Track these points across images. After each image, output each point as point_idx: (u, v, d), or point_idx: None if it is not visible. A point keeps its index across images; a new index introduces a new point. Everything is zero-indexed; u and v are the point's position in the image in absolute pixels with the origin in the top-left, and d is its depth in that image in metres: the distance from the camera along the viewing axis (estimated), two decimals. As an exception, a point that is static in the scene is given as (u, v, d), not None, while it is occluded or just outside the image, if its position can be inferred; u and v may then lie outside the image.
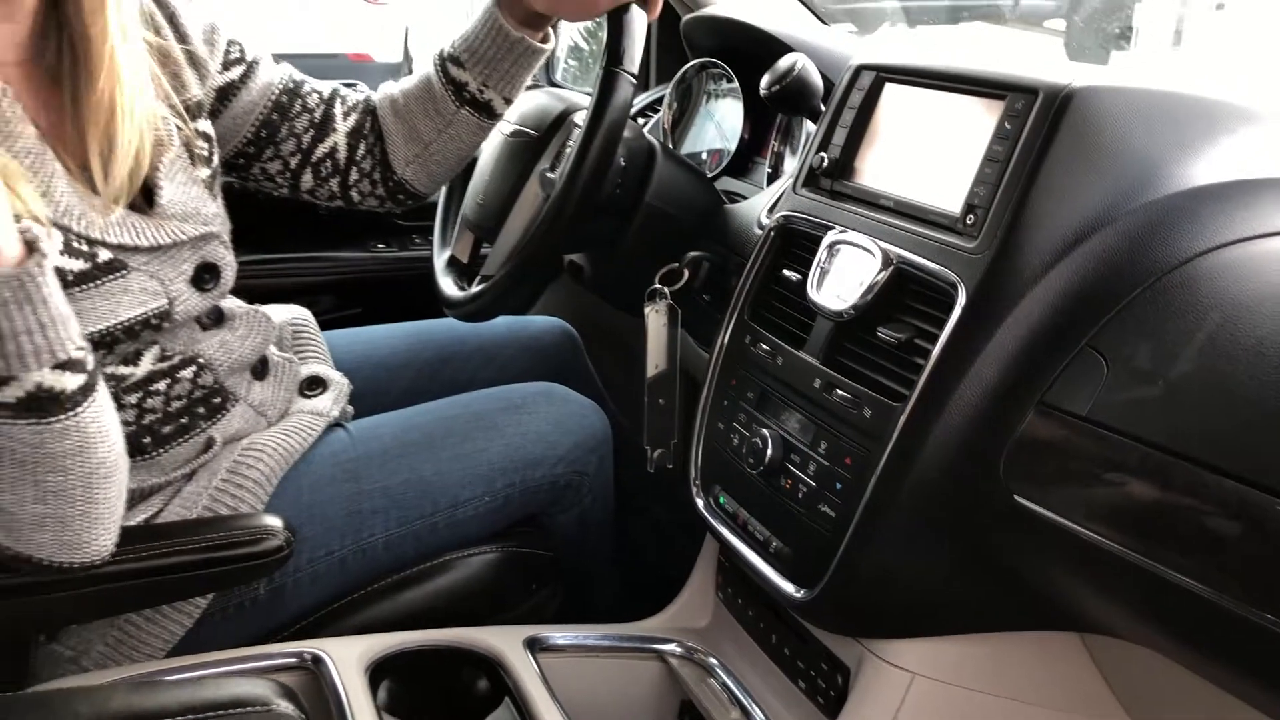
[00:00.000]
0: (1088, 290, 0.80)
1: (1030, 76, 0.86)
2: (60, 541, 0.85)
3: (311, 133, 1.22)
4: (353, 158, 1.24)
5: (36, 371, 0.79)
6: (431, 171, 1.25)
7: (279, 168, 1.23)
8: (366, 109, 1.25)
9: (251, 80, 1.18)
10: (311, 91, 1.22)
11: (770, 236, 1.09)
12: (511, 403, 1.25)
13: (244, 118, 1.18)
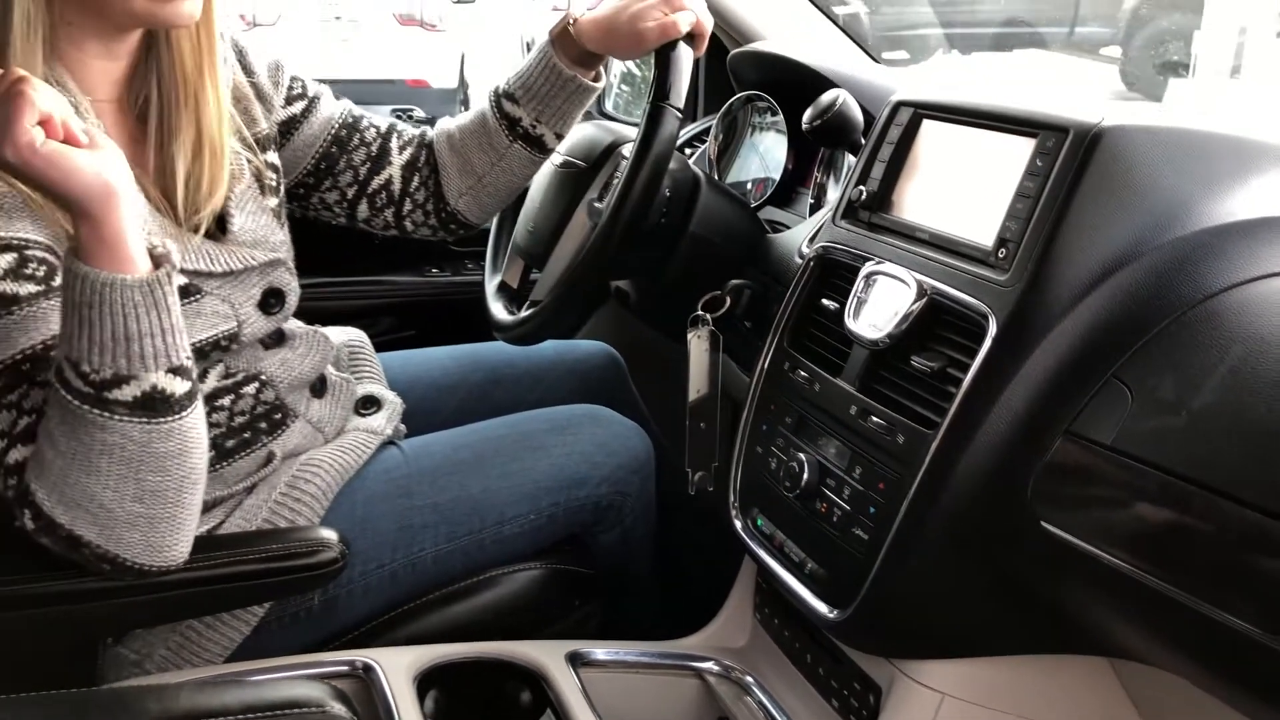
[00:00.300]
0: (1115, 323, 0.83)
1: (1061, 115, 0.89)
2: (147, 543, 0.90)
3: (368, 165, 1.27)
4: (407, 189, 1.29)
5: (154, 373, 0.87)
6: (483, 203, 1.30)
7: (336, 198, 1.28)
8: (421, 143, 1.31)
9: (313, 115, 1.24)
10: (369, 126, 1.28)
11: (810, 266, 1.12)
12: (557, 424, 1.29)
13: (305, 150, 1.24)
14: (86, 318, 0.84)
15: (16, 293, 0.87)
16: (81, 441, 0.86)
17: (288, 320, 1.17)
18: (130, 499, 0.89)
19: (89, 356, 0.85)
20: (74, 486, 0.87)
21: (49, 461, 0.87)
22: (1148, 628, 0.82)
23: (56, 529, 0.88)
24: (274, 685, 0.81)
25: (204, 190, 1.05)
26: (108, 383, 0.85)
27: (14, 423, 0.89)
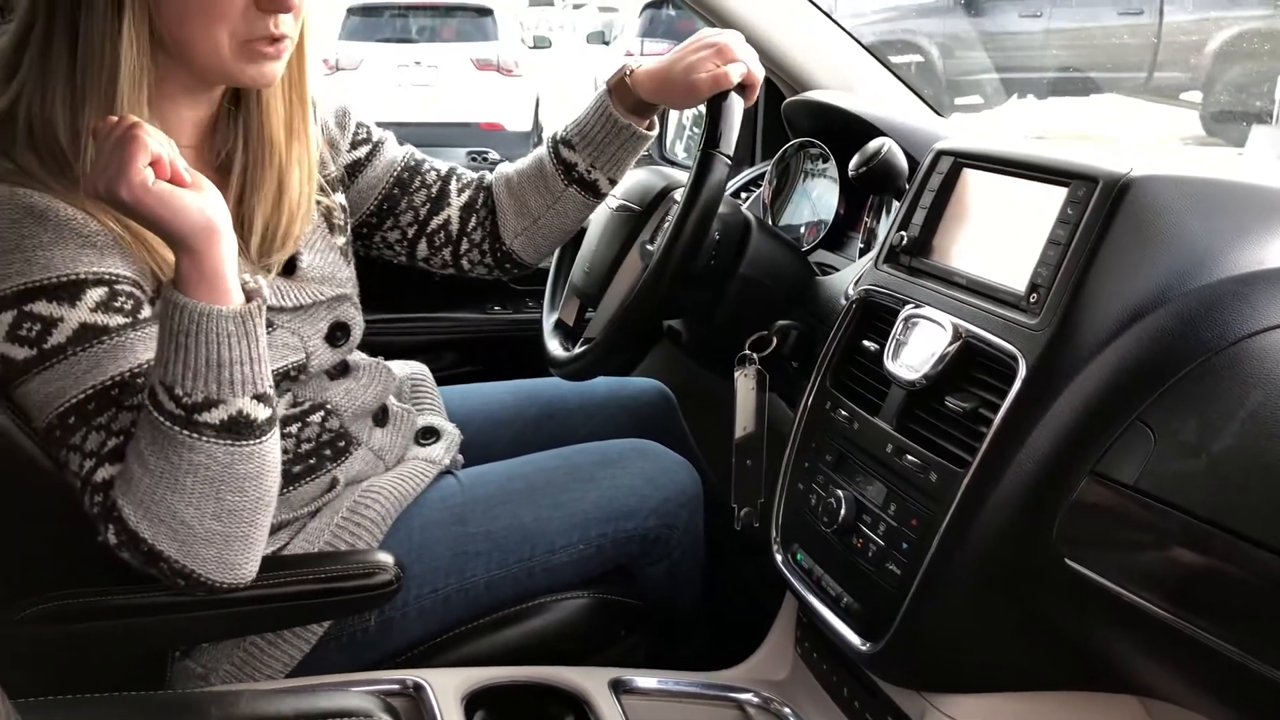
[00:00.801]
0: (1140, 367, 0.85)
1: (1091, 165, 0.92)
2: (220, 560, 0.96)
3: (428, 206, 1.34)
4: (464, 230, 1.35)
5: (241, 398, 0.93)
6: (537, 244, 1.36)
7: (397, 237, 1.35)
8: (479, 187, 1.37)
9: (377, 158, 1.31)
10: (430, 169, 1.35)
11: (852, 309, 1.16)
12: (607, 457, 1.34)
13: (369, 192, 1.31)
14: (183, 344, 0.91)
15: (106, 324, 0.95)
16: (170, 461, 0.93)
17: (352, 352, 1.24)
18: (210, 517, 0.95)
19: (182, 381, 0.91)
20: (159, 503, 0.94)
21: (137, 479, 0.94)
22: (1172, 668, 0.83)
23: (139, 543, 0.94)
24: (327, 695, 0.86)
25: (278, 241, 1.12)
26: (198, 406, 0.92)
27: (102, 444, 0.95)
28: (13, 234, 0.92)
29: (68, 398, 0.94)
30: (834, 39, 1.65)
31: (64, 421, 0.94)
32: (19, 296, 0.92)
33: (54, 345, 0.93)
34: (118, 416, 0.95)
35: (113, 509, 0.95)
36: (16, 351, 0.93)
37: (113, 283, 0.95)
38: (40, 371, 0.93)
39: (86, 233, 0.94)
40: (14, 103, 0.97)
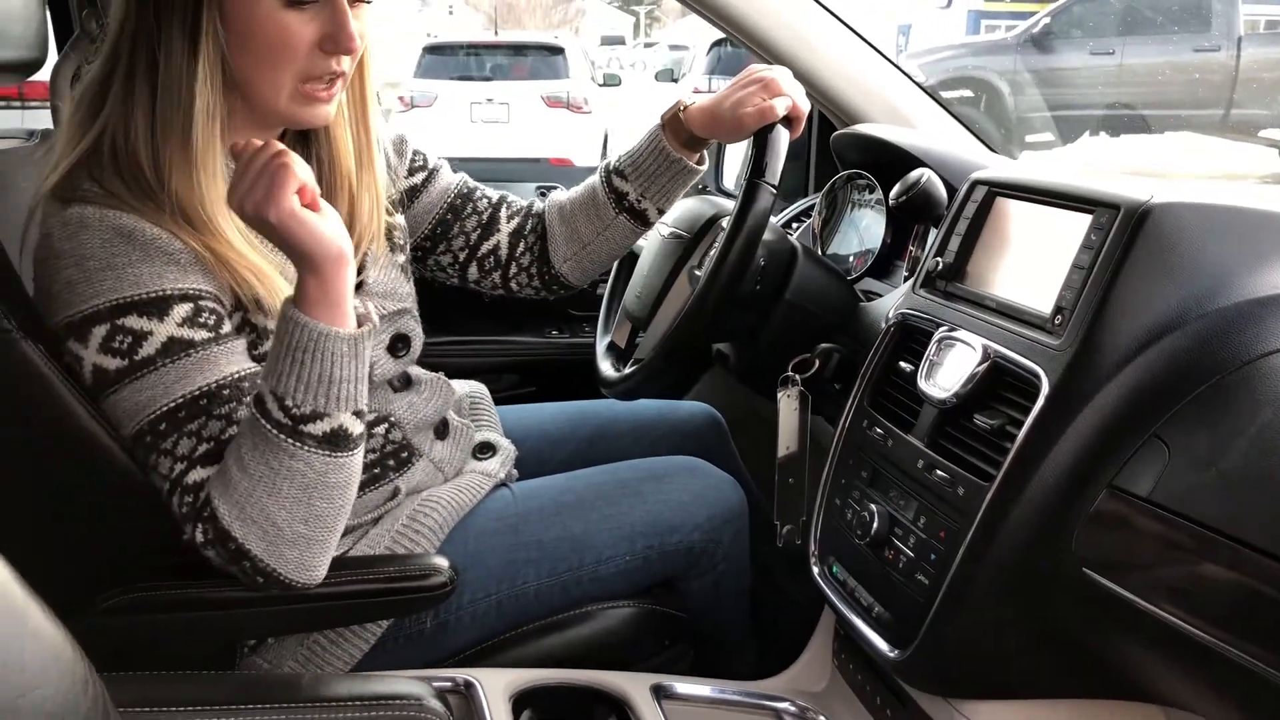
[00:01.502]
0: (1157, 385, 0.89)
1: (1114, 193, 0.96)
2: (301, 561, 1.03)
3: (478, 232, 1.41)
4: (513, 255, 1.42)
5: (343, 414, 1.01)
6: (585, 268, 1.43)
7: (449, 260, 1.43)
8: (528, 214, 1.44)
9: (432, 185, 1.39)
10: (482, 197, 1.43)
11: (890, 331, 1.20)
12: (654, 473, 1.39)
13: (423, 216, 1.39)
14: (299, 360, 0.98)
15: (192, 339, 1.02)
16: (270, 466, 1.00)
17: (413, 365, 1.31)
18: (299, 520, 1.02)
19: (294, 393, 0.99)
20: (254, 505, 1.01)
21: (235, 482, 1.01)
22: (1189, 676, 0.86)
23: (228, 541, 1.01)
24: (381, 680, 0.92)
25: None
26: (305, 417, 0.99)
27: (193, 449, 1.03)
28: (104, 253, 1.00)
29: (158, 406, 1.01)
30: (883, 73, 1.70)
31: (155, 428, 1.01)
32: (111, 311, 1.00)
33: (144, 357, 1.00)
34: (207, 424, 1.03)
35: (204, 509, 1.02)
36: (109, 362, 1.01)
37: (197, 299, 1.03)
38: (132, 381, 1.01)
39: (171, 251, 1.02)
40: (100, 135, 1.06)
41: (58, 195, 1.02)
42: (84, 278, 0.99)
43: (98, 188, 1.02)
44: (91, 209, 1.01)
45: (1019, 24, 12.48)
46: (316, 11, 1.05)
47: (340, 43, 1.06)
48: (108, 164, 1.03)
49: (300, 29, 1.05)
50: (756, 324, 1.42)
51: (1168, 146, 11.62)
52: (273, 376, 1.00)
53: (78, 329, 1.00)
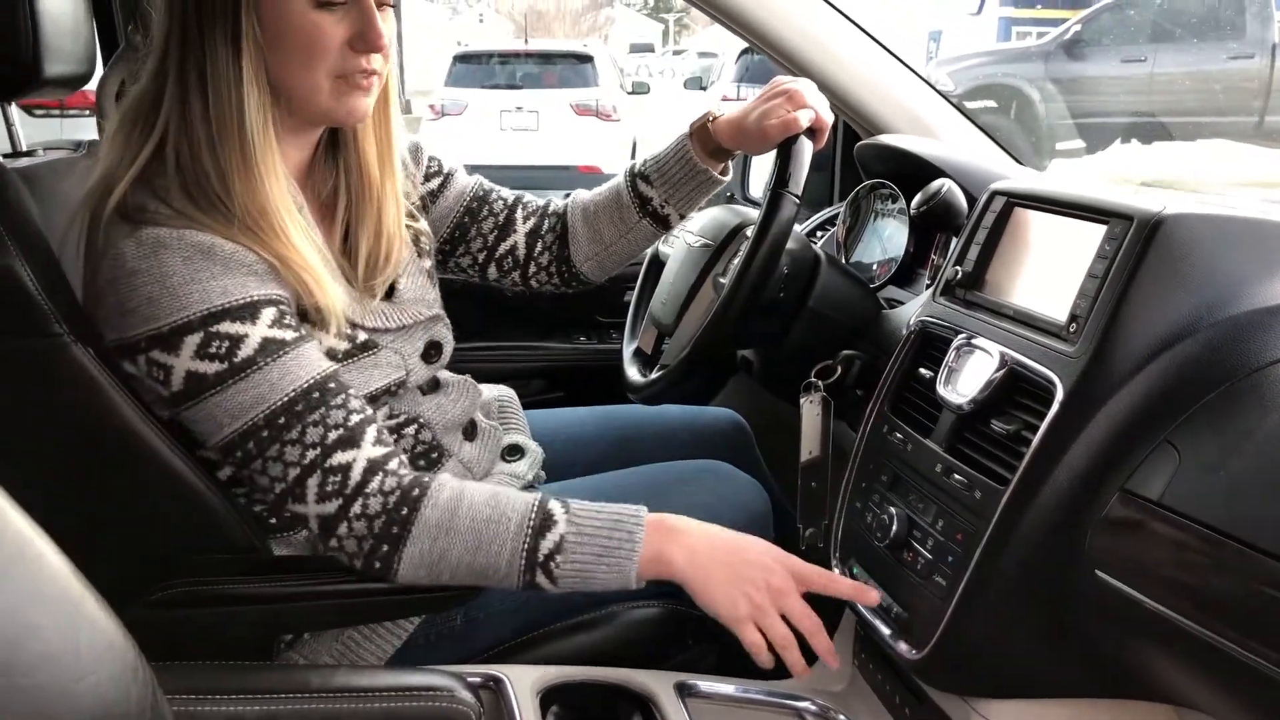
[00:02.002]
0: (1168, 391, 0.91)
1: (1127, 204, 0.99)
2: (411, 558, 1.11)
3: (495, 233, 1.45)
4: (531, 254, 1.46)
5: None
6: (605, 266, 1.47)
7: (469, 261, 1.47)
8: (544, 213, 1.48)
9: (448, 189, 1.44)
10: (498, 199, 1.47)
11: (910, 339, 1.23)
12: (680, 476, 1.42)
13: (441, 221, 1.43)
14: (600, 547, 1.12)
15: (284, 338, 1.07)
16: (481, 550, 1.11)
17: (442, 369, 1.35)
18: (454, 564, 1.12)
19: (571, 561, 1.11)
20: (437, 550, 1.10)
21: (438, 531, 1.10)
22: (1200, 677, 0.88)
23: (385, 544, 1.10)
24: (414, 673, 0.95)
25: (380, 265, 1.24)
26: (548, 569, 1.10)
27: (324, 435, 1.08)
28: (187, 269, 1.04)
29: (270, 402, 1.06)
30: (907, 83, 1.73)
31: (273, 421, 1.06)
32: (204, 320, 1.04)
33: (244, 358, 1.05)
34: (329, 414, 1.08)
35: (360, 496, 1.08)
36: (207, 367, 1.05)
37: (279, 303, 1.08)
38: (235, 382, 1.05)
39: (248, 262, 1.07)
40: (160, 145, 1.10)
41: (124, 215, 1.06)
42: (167, 293, 1.04)
43: (166, 207, 1.06)
44: (165, 230, 1.05)
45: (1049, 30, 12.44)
46: (345, 12, 1.10)
47: (369, 40, 1.11)
48: (172, 177, 1.08)
49: (331, 29, 1.10)
50: (780, 331, 1.45)
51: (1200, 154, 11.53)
52: (574, 539, 1.10)
53: (165, 340, 1.05)
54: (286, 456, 1.08)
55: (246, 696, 0.86)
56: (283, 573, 1.19)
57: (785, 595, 1.10)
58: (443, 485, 1.12)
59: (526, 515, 1.11)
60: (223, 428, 1.08)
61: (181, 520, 1.15)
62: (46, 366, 1.10)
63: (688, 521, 1.15)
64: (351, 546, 1.10)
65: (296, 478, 1.08)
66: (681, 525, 1.14)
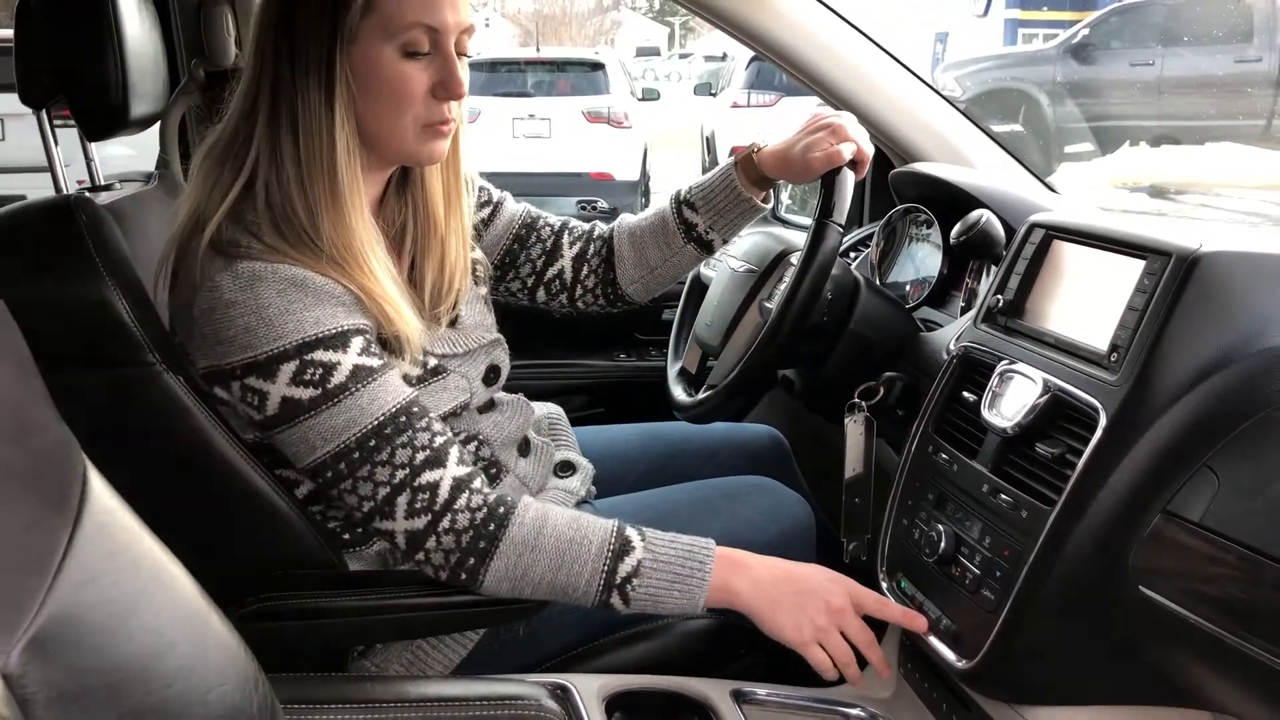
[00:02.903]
0: (1207, 419, 0.97)
1: (1165, 240, 1.05)
2: (496, 571, 1.18)
3: (543, 259, 1.53)
4: (577, 278, 1.54)
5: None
6: (650, 288, 1.54)
7: (518, 286, 1.55)
8: (589, 238, 1.55)
9: (498, 218, 1.51)
10: (544, 225, 1.54)
11: (953, 363, 1.29)
12: (729, 492, 1.48)
13: (492, 248, 1.51)
14: (676, 574, 1.20)
15: (372, 366, 1.14)
16: (564, 569, 1.19)
17: (499, 390, 1.42)
18: (537, 581, 1.19)
19: (650, 588, 1.19)
20: (521, 567, 1.18)
21: (525, 548, 1.18)
22: (1238, 685, 0.94)
23: (471, 558, 1.17)
24: (496, 683, 1.02)
25: (443, 296, 1.31)
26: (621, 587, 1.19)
27: (412, 456, 1.15)
28: (281, 301, 1.11)
29: (361, 425, 1.13)
30: (939, 111, 1.79)
31: (364, 444, 1.13)
32: (299, 349, 1.11)
33: (337, 384, 1.12)
34: (415, 435, 1.15)
35: (449, 513, 1.16)
36: (303, 393, 1.12)
37: (364, 332, 1.16)
38: (330, 407, 1.12)
39: (336, 294, 1.14)
40: (249, 183, 1.17)
41: (219, 249, 1.13)
42: (264, 323, 1.11)
43: (258, 243, 1.13)
44: (260, 264, 1.12)
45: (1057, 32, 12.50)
46: (429, 61, 1.17)
47: (450, 89, 1.18)
48: (263, 214, 1.14)
49: (416, 76, 1.17)
50: (823, 352, 1.52)
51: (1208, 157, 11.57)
52: (650, 564, 1.19)
53: (262, 367, 1.11)
54: (377, 476, 1.15)
55: (351, 706, 0.93)
56: (361, 587, 1.26)
57: (844, 614, 1.17)
58: (528, 505, 1.19)
59: (607, 539, 1.18)
60: (315, 450, 1.14)
61: (265, 538, 1.22)
62: (140, 394, 1.18)
63: (751, 555, 1.22)
64: (438, 559, 1.17)
65: (386, 496, 1.15)
66: (746, 559, 1.22)
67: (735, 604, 1.20)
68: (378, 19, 1.14)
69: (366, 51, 1.15)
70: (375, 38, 1.15)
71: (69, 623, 0.68)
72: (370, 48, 1.15)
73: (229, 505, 1.21)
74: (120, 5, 1.25)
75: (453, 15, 1.17)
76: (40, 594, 0.66)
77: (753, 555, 1.22)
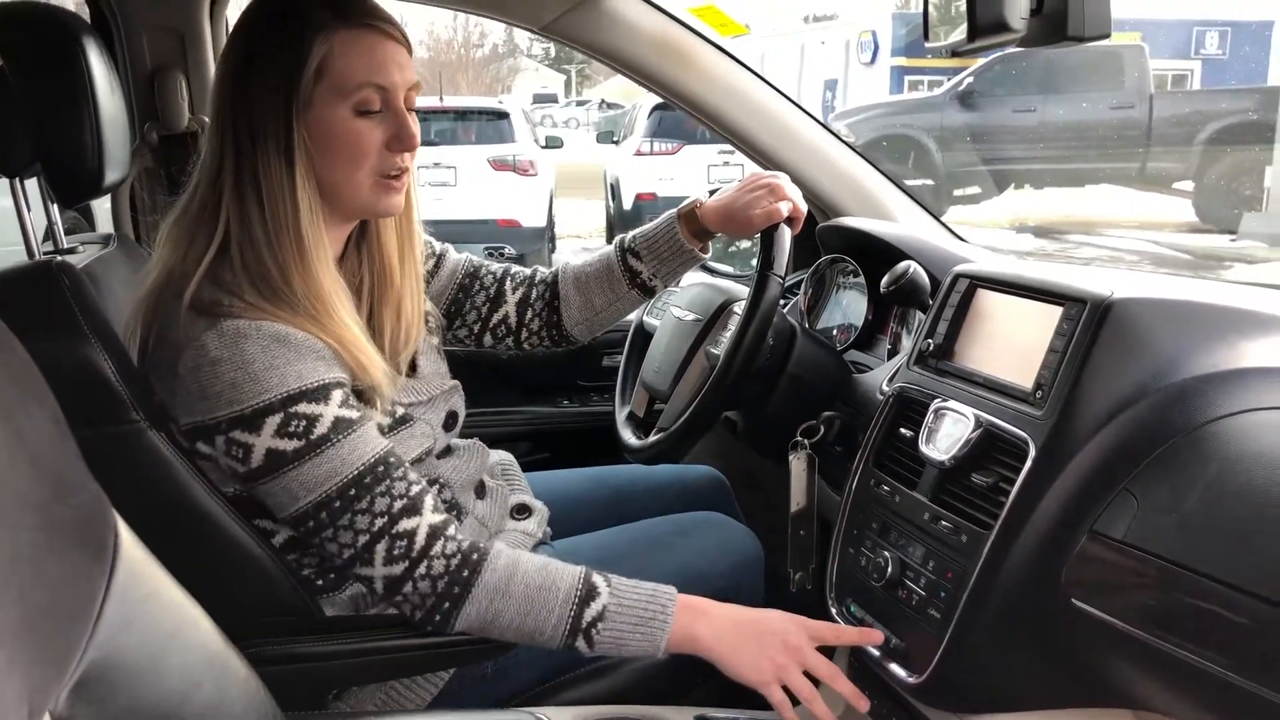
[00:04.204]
0: (1125, 448, 1.09)
1: (1080, 287, 1.18)
2: (468, 616, 1.24)
3: (488, 305, 1.61)
4: (522, 321, 1.62)
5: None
6: (593, 329, 1.63)
7: (465, 333, 1.63)
8: (531, 282, 1.63)
9: (441, 269, 1.59)
10: (487, 273, 1.62)
11: (890, 402, 1.40)
12: (683, 528, 1.57)
13: (438, 298, 1.58)
14: (639, 618, 1.26)
15: (351, 417, 1.20)
16: (532, 616, 1.25)
17: (456, 435, 1.48)
18: (507, 624, 1.25)
19: (614, 632, 1.25)
20: (492, 611, 1.24)
21: (495, 595, 1.24)
22: (1161, 682, 1.05)
23: (445, 602, 1.23)
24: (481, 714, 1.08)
25: (402, 342, 1.38)
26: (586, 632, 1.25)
27: (390, 505, 1.21)
28: (266, 356, 1.16)
29: (342, 475, 1.18)
30: (859, 169, 1.93)
31: (344, 493, 1.19)
32: (284, 402, 1.16)
33: (320, 436, 1.17)
34: (393, 485, 1.21)
35: (424, 560, 1.21)
36: (287, 445, 1.17)
37: (343, 385, 1.21)
38: (312, 457, 1.17)
39: (317, 349, 1.19)
40: (223, 246, 1.22)
41: (200, 310, 1.18)
42: (249, 378, 1.16)
43: (240, 301, 1.18)
44: (244, 321, 1.17)
45: (941, 80, 13.04)
46: (381, 119, 1.25)
47: (404, 141, 1.26)
48: (240, 274, 1.20)
49: (370, 132, 1.24)
50: (764, 394, 1.62)
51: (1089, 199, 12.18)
52: (615, 609, 1.25)
53: (248, 421, 1.16)
54: (357, 524, 1.20)
55: (359, 740, 0.98)
56: (337, 631, 1.31)
57: (802, 651, 1.25)
58: (500, 553, 1.25)
59: (574, 585, 1.25)
60: (298, 500, 1.20)
61: (244, 587, 1.27)
62: (126, 452, 1.21)
63: (710, 602, 1.30)
64: (414, 603, 1.23)
65: (366, 544, 1.20)
66: (706, 605, 1.29)
67: (697, 649, 1.27)
68: (329, 82, 1.21)
69: (321, 114, 1.22)
70: (329, 100, 1.22)
71: (109, 665, 0.74)
72: (324, 110, 1.22)
73: (211, 556, 1.25)
74: (95, 76, 1.29)
75: (400, 74, 1.25)
76: (84, 640, 0.71)
77: (711, 602, 1.29)
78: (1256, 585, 0.92)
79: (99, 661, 0.72)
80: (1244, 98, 11.51)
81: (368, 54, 1.23)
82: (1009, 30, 1.05)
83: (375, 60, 1.23)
